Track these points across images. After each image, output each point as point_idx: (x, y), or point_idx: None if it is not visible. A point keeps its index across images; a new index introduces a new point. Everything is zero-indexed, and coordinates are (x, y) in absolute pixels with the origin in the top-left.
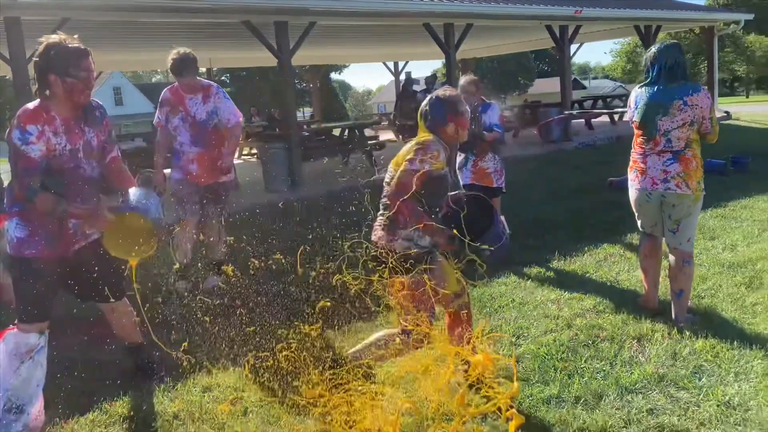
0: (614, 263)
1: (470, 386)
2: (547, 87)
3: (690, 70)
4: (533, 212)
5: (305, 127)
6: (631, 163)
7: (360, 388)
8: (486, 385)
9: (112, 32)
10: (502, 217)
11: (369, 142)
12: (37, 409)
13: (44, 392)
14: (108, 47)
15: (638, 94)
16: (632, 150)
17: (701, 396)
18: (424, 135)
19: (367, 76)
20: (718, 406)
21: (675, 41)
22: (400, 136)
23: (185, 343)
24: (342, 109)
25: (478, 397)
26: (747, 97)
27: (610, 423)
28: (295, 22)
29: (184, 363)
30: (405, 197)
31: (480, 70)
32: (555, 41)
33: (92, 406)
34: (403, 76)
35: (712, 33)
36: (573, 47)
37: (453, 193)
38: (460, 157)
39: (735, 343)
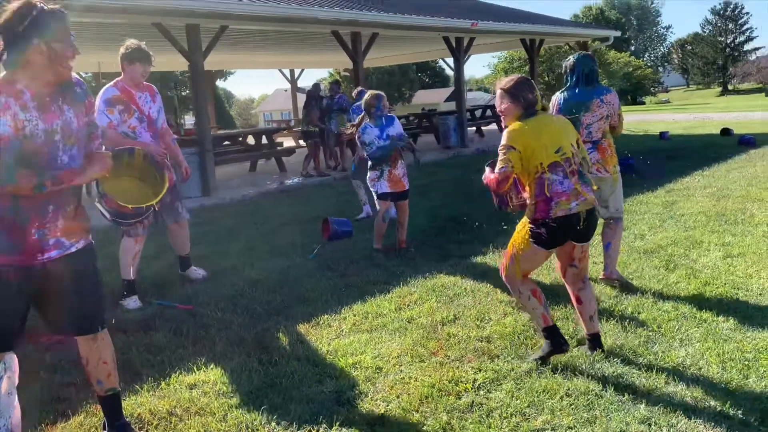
0: None
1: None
2: (427, 98)
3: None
4: (451, 211)
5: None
6: None
7: None
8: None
9: None
10: None
11: (278, 148)
12: (16, 419)
13: (19, 399)
14: None
15: (560, 97)
16: None
17: (658, 360)
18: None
19: (248, 85)
20: (674, 367)
21: (589, 53)
22: (303, 142)
23: None
24: (228, 117)
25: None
26: None
27: (590, 387)
28: (207, 25)
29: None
30: None
31: (371, 80)
32: (451, 51)
33: (76, 409)
34: (303, 83)
35: (586, 47)
36: (451, 61)
37: None
38: (374, 173)
39: (671, 315)
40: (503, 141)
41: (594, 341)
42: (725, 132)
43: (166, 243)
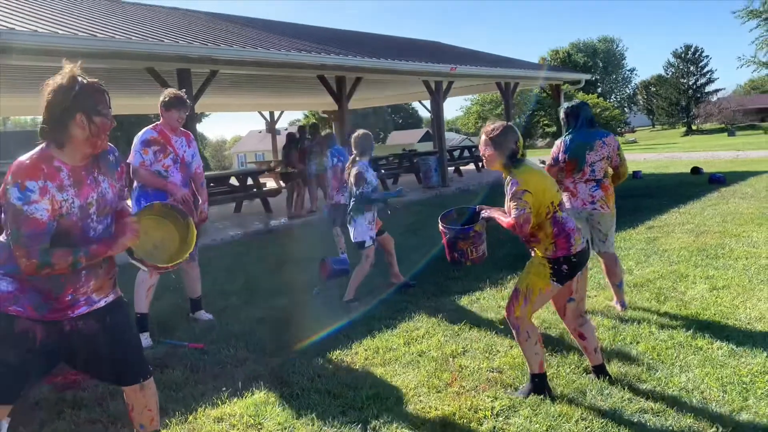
0: None
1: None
2: (402, 138)
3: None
4: (443, 249)
5: None
6: (563, 189)
7: None
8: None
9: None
10: None
11: (264, 189)
12: None
13: None
14: None
15: (565, 139)
16: (564, 180)
17: (662, 385)
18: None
19: (220, 126)
20: (679, 391)
21: (585, 101)
22: (283, 183)
23: None
24: (203, 159)
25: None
26: None
27: (603, 411)
28: (197, 69)
29: None
30: None
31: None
32: (431, 94)
33: None
34: (281, 125)
35: (558, 90)
36: (427, 103)
37: None
38: (370, 214)
39: (668, 344)
40: (517, 186)
41: (599, 371)
42: (696, 170)
43: (168, 282)
